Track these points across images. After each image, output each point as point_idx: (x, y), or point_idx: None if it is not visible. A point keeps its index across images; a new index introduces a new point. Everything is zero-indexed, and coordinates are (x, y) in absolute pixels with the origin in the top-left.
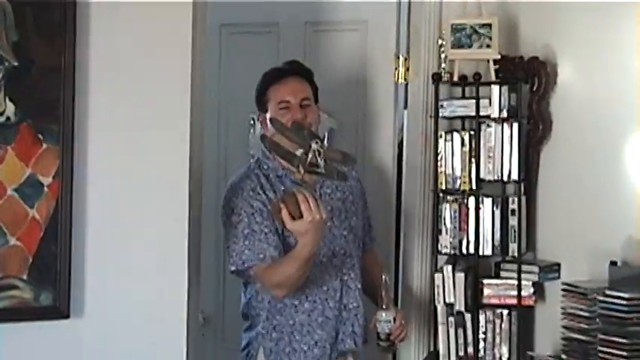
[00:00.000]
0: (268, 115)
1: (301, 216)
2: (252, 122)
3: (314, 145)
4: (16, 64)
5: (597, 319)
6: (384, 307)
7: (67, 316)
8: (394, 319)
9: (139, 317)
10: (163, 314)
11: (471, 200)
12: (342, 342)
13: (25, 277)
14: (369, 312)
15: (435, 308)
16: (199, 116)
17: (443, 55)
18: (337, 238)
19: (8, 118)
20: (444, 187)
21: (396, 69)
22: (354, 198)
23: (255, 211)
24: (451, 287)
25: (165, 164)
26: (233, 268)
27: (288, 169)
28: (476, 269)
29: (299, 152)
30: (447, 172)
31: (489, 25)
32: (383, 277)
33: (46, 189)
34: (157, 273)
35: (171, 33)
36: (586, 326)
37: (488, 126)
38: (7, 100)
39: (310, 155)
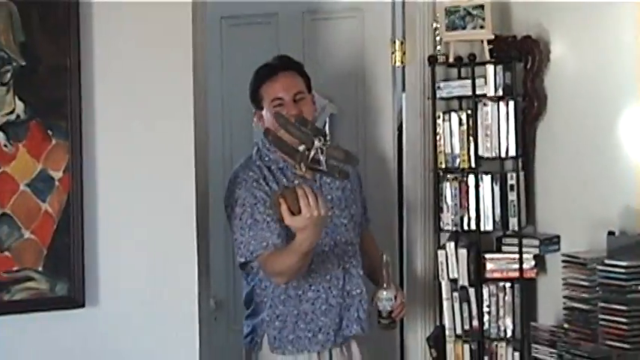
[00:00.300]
0: (264, 113)
1: (300, 211)
2: (254, 111)
3: (317, 143)
4: (23, 63)
5: (597, 288)
6: (384, 285)
7: (83, 305)
8: (395, 297)
9: (151, 304)
10: (175, 300)
11: (471, 178)
12: (348, 328)
13: (40, 268)
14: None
15: (440, 284)
16: (203, 108)
17: (438, 38)
18: (338, 227)
19: (18, 116)
20: (443, 166)
21: (392, 53)
22: (353, 185)
23: (258, 201)
24: (454, 263)
25: (171, 156)
26: (242, 260)
27: (289, 161)
28: (478, 245)
29: (301, 148)
30: (446, 151)
31: (482, 7)
32: (384, 256)
33: (57, 183)
34: (168, 260)
35: (172, 29)
36: (587, 295)
37: (485, 105)
38: (17, 98)
39: (313, 152)
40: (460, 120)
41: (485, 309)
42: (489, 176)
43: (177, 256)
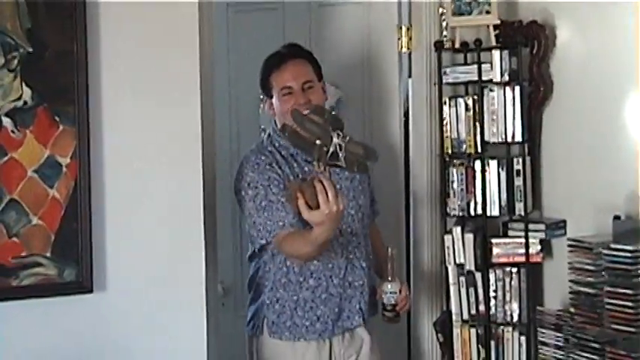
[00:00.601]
0: (274, 101)
1: (318, 206)
2: (261, 98)
3: (335, 139)
4: (30, 50)
5: (603, 272)
6: (389, 278)
7: (91, 291)
8: (400, 291)
9: (159, 289)
10: (183, 285)
11: (477, 163)
12: (349, 319)
13: (48, 254)
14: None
15: (446, 269)
16: (210, 93)
17: (444, 23)
18: (345, 216)
19: (25, 103)
20: (450, 152)
21: (399, 39)
22: (362, 176)
23: (272, 182)
24: (461, 248)
25: (178, 141)
26: (263, 242)
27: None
28: (484, 229)
29: (319, 142)
30: (452, 136)
31: None
32: (390, 249)
33: (64, 169)
34: (175, 245)
35: (180, 16)
36: (593, 279)
37: (491, 90)
38: (24, 85)
39: (331, 149)
40: (466, 105)
41: (492, 294)
42: (495, 161)
43: (185, 241)
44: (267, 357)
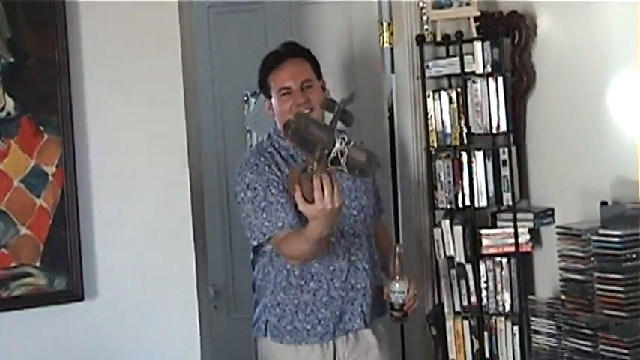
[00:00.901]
0: (273, 101)
1: (314, 200)
2: (245, 98)
3: (338, 145)
4: (11, 60)
5: (592, 258)
6: (397, 277)
7: (82, 299)
8: (408, 290)
9: (150, 294)
10: (174, 289)
11: (463, 155)
12: (351, 321)
13: (38, 264)
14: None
15: (437, 262)
16: (193, 95)
17: (425, 17)
18: (346, 217)
19: (9, 113)
20: (436, 145)
21: (380, 35)
22: None
23: (271, 184)
24: (450, 240)
25: (163, 143)
26: (255, 243)
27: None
28: (473, 221)
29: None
30: (437, 129)
31: None
32: (397, 247)
33: (51, 178)
34: (165, 248)
35: (160, 21)
36: (582, 266)
37: (474, 82)
38: (7, 95)
39: (333, 154)
40: (450, 98)
41: (483, 284)
42: (481, 152)
43: (175, 245)
44: (269, 359)
